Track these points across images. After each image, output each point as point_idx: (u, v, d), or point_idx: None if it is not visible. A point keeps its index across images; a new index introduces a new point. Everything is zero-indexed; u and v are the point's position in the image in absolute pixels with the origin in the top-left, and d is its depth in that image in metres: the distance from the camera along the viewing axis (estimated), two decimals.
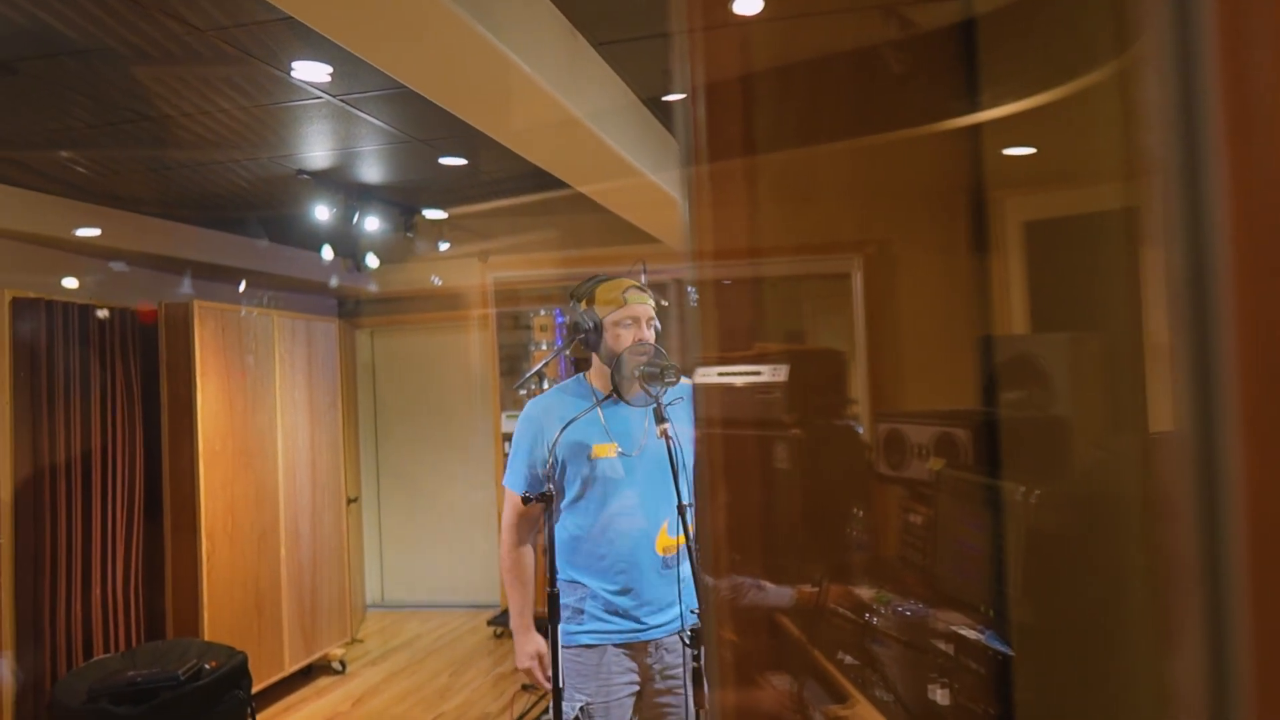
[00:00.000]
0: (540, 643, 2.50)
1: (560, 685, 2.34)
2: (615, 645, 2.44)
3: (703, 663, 2.28)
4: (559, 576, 2.44)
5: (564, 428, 2.37)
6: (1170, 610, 0.95)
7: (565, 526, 2.49)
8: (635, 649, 2.46)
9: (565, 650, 2.42)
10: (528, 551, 2.57)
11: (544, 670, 2.47)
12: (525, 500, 2.41)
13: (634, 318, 2.43)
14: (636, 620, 2.45)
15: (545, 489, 2.33)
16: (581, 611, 2.45)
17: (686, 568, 2.50)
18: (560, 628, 2.39)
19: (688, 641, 2.38)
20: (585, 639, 2.43)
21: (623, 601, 2.44)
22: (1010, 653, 1.81)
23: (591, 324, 2.44)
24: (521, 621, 2.54)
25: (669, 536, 2.50)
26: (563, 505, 2.49)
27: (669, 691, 2.48)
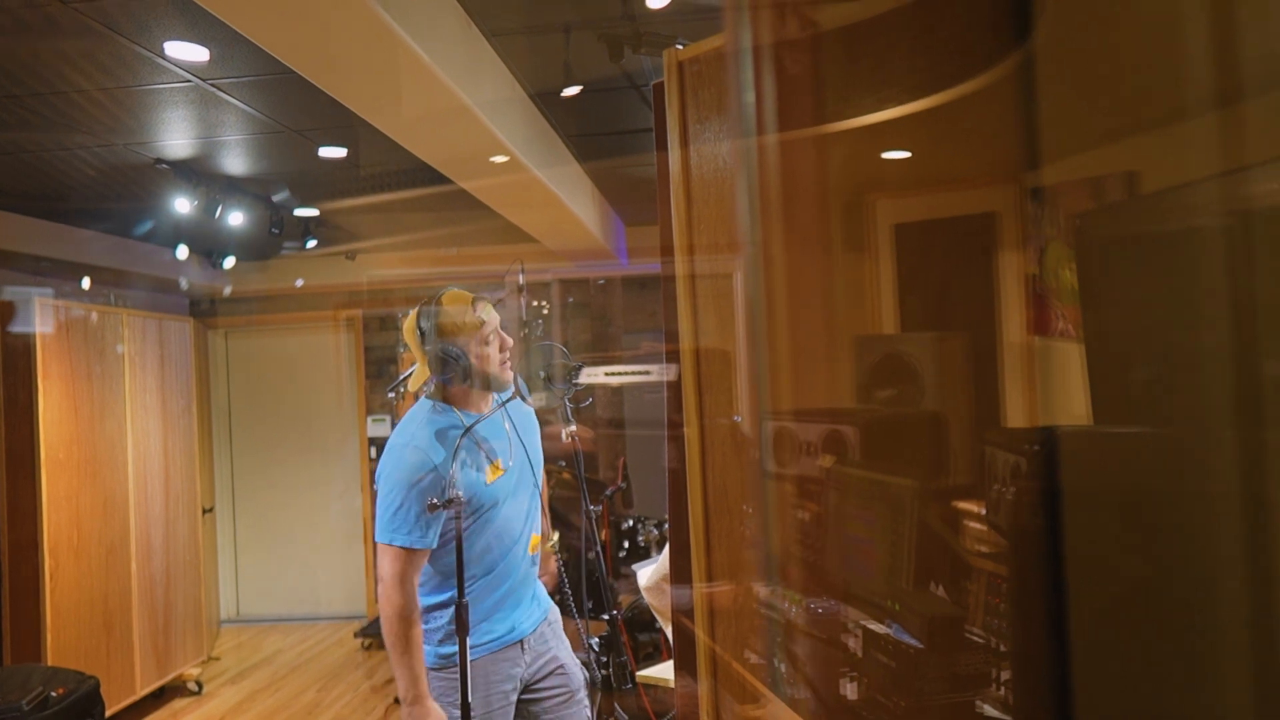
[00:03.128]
0: (439, 713, 2.27)
1: (470, 700, 2.26)
2: (494, 654, 2.36)
3: (611, 669, 2.26)
4: (431, 596, 2.35)
5: (457, 446, 2.22)
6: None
7: (447, 549, 2.30)
8: (510, 650, 2.40)
9: (432, 672, 2.34)
10: (419, 616, 2.30)
11: None
12: (433, 506, 2.23)
13: (495, 330, 2.34)
14: (511, 624, 2.40)
15: (452, 493, 2.17)
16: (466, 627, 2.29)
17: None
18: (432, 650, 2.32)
19: (596, 649, 2.36)
20: (473, 654, 2.32)
21: (509, 613, 2.39)
22: (919, 645, 1.87)
23: (458, 353, 2.28)
24: (416, 692, 2.25)
25: (535, 537, 2.49)
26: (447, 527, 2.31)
27: (550, 676, 2.45)
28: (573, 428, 2.27)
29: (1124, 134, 1.22)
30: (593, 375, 3.69)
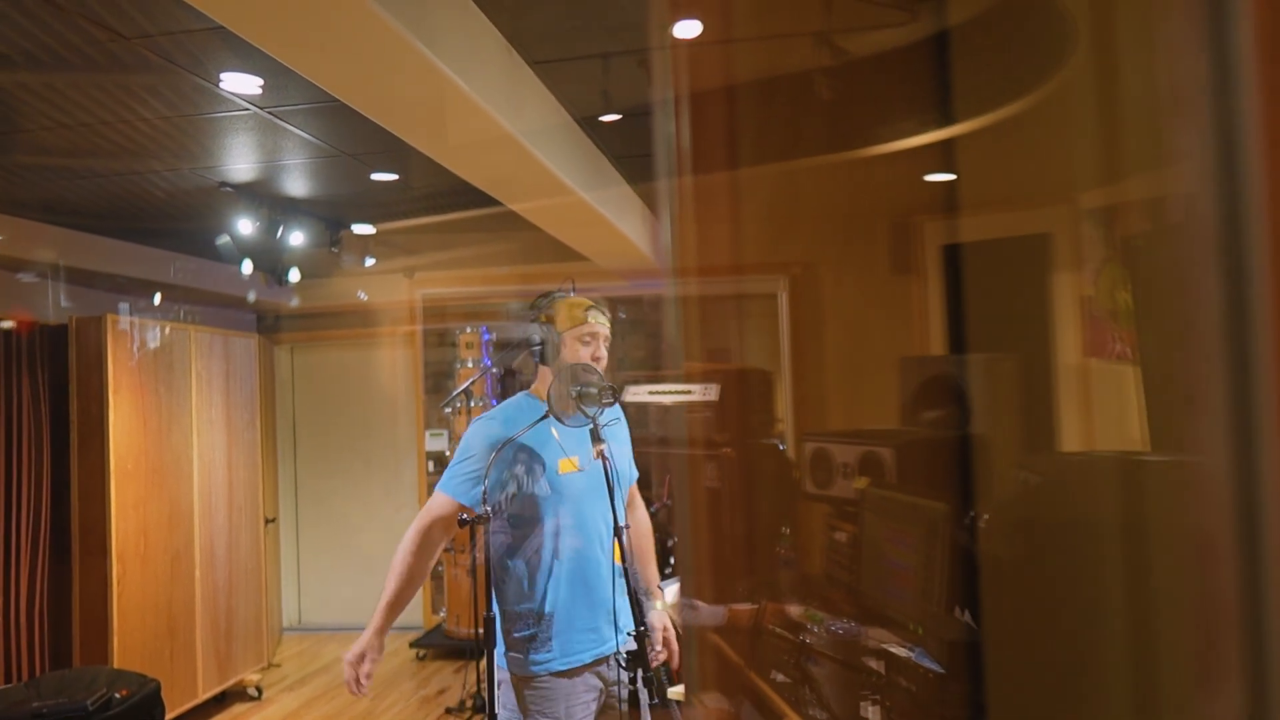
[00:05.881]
0: (372, 647, 2.38)
1: (495, 714, 2.30)
2: (585, 667, 2.37)
3: (639, 685, 2.27)
4: (507, 605, 2.37)
5: (520, 441, 2.32)
6: (1107, 626, 0.99)
7: (520, 549, 2.38)
8: (600, 665, 2.41)
9: (535, 680, 2.34)
10: (429, 556, 2.44)
11: (357, 672, 2.35)
12: (462, 523, 2.33)
13: (594, 334, 2.41)
14: (603, 637, 2.41)
15: (484, 511, 2.25)
16: (550, 640, 2.35)
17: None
18: (529, 656, 2.33)
19: (624, 664, 2.37)
20: (558, 665, 2.34)
21: (591, 619, 2.39)
22: (940, 670, 1.85)
23: (551, 337, 2.40)
24: (380, 621, 2.42)
25: (616, 544, 2.48)
26: (513, 524, 2.39)
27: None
28: (603, 445, 2.30)
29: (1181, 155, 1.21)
30: (636, 394, 3.72)
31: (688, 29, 2.37)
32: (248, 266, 5.51)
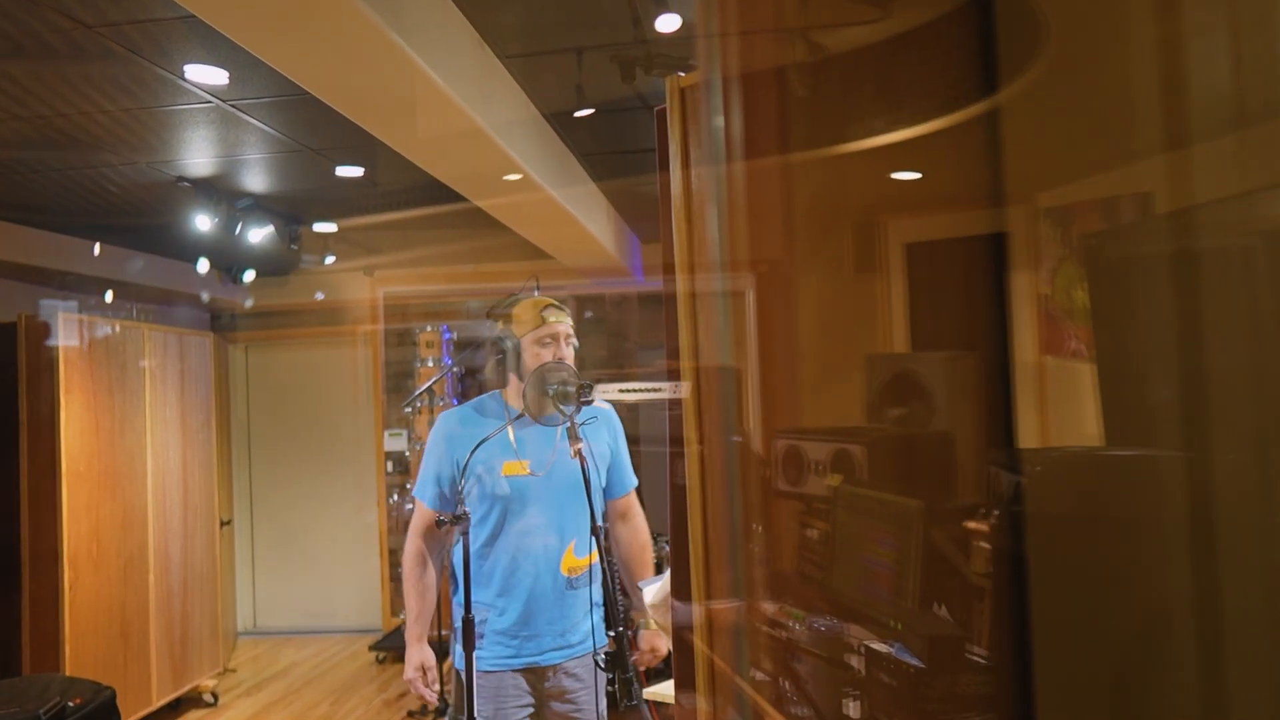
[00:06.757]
0: (428, 656, 2.44)
1: (475, 714, 2.28)
2: (513, 671, 2.38)
3: (617, 685, 2.26)
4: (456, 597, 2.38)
5: (475, 447, 2.31)
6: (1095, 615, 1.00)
7: (462, 549, 2.38)
8: (534, 674, 2.41)
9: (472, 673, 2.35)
10: (428, 561, 2.49)
11: (427, 684, 2.42)
12: (440, 523, 2.35)
13: (554, 335, 2.41)
14: (537, 645, 2.41)
15: (460, 510, 2.26)
16: (482, 635, 2.38)
17: (597, 589, 2.48)
18: (456, 650, 2.33)
19: (602, 664, 2.36)
20: (484, 665, 2.37)
21: (524, 626, 2.40)
22: (921, 665, 1.87)
23: (510, 342, 2.41)
24: (415, 631, 2.46)
25: (576, 557, 2.46)
26: (472, 524, 2.40)
27: (565, 716, 2.45)
28: (580, 444, 2.28)
29: (1138, 155, 1.23)
30: (605, 392, 3.70)
31: (668, 23, 2.37)
32: (203, 265, 5.41)
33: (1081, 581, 1.02)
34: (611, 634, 2.37)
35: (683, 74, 1.72)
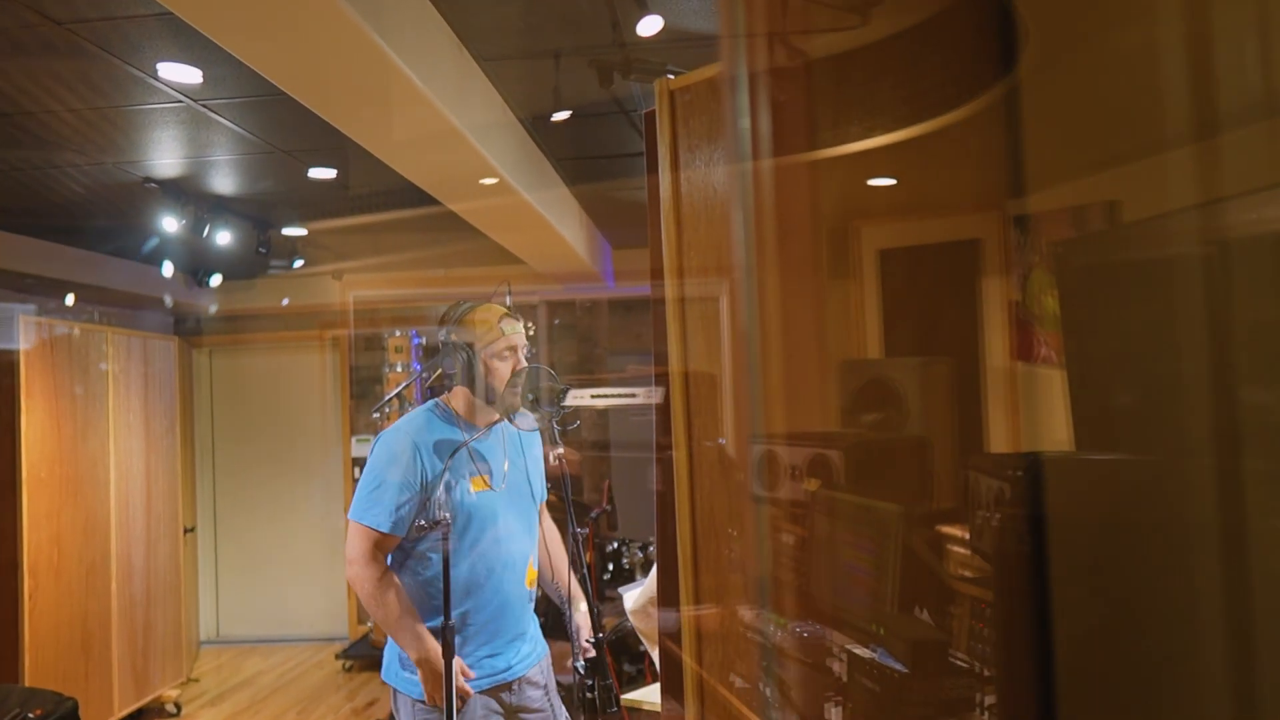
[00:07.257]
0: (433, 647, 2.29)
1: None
2: (482, 693, 2.31)
3: (596, 693, 2.24)
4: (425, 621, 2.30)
5: (449, 458, 2.22)
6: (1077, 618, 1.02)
7: (430, 566, 2.29)
8: (500, 690, 2.35)
9: (419, 705, 2.27)
10: (394, 579, 2.30)
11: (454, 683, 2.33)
12: (420, 528, 2.26)
13: (512, 347, 2.31)
14: (505, 660, 2.35)
15: (440, 515, 2.17)
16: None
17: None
18: (414, 678, 2.27)
19: (582, 671, 2.34)
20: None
21: (490, 642, 2.33)
22: (904, 670, 1.88)
23: (466, 355, 2.29)
24: (422, 651, 2.26)
25: (533, 568, 2.43)
26: (425, 544, 2.30)
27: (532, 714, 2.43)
28: (560, 450, 2.27)
29: (1105, 164, 1.25)
30: (579, 398, 3.70)
31: (649, 25, 2.38)
32: (168, 269, 5.33)
33: (1066, 583, 1.03)
34: (590, 641, 2.36)
35: (671, 76, 1.73)
